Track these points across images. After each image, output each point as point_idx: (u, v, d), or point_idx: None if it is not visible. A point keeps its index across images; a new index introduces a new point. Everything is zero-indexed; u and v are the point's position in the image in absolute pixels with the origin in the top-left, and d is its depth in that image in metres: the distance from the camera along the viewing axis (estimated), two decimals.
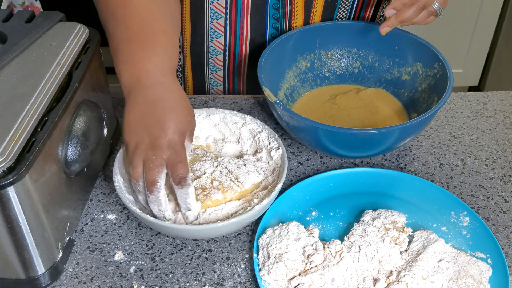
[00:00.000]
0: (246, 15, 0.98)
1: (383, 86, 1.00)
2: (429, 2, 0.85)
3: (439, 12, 0.87)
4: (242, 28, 1.00)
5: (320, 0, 0.97)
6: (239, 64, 1.06)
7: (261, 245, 0.73)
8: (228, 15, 0.98)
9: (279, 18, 0.99)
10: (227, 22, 0.99)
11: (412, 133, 0.83)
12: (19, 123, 0.63)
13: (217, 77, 1.09)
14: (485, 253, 0.73)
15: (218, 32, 1.01)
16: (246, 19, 0.98)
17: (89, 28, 0.78)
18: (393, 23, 0.88)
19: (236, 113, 0.85)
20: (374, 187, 0.83)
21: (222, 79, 1.10)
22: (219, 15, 0.98)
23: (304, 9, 0.98)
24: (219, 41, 1.02)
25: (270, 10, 0.97)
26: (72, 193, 0.74)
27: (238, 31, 1.00)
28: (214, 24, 1.00)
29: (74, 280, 0.72)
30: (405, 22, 0.87)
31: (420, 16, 0.87)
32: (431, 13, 0.87)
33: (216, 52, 1.04)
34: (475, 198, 0.83)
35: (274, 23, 0.99)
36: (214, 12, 0.98)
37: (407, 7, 0.86)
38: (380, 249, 0.72)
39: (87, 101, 0.76)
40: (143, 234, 0.77)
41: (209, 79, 1.10)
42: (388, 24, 0.89)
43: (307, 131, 0.82)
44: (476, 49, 2.28)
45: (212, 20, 0.99)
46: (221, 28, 1.00)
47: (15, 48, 0.72)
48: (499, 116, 0.98)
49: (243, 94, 1.10)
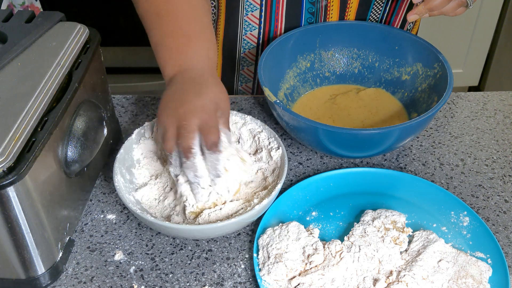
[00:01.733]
0: (281, 8, 0.97)
1: (383, 86, 1.00)
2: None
3: (469, 3, 0.84)
4: (277, 21, 0.99)
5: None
6: None
7: (261, 245, 0.73)
8: (264, 6, 0.98)
9: (314, 12, 0.98)
10: (262, 14, 0.99)
11: (412, 133, 0.83)
12: (19, 123, 0.63)
13: (247, 72, 1.09)
14: (485, 253, 0.73)
15: (253, 24, 1.00)
16: (281, 12, 0.98)
17: (89, 28, 0.78)
18: (421, 10, 0.85)
19: (236, 113, 0.85)
20: (374, 187, 0.83)
21: (252, 75, 1.09)
22: (255, 6, 0.98)
23: (340, 5, 0.98)
24: (253, 33, 1.02)
25: (305, 4, 0.97)
26: (72, 193, 0.74)
27: (273, 24, 1.00)
28: (248, 16, 0.99)
29: (74, 280, 0.72)
30: (433, 10, 0.84)
31: (450, 5, 0.84)
32: (461, 3, 0.84)
33: (249, 45, 1.04)
34: (475, 198, 0.83)
35: (310, 18, 0.99)
36: (250, 4, 0.98)
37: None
38: (380, 249, 0.72)
39: (87, 101, 0.76)
40: (143, 234, 0.77)
41: (239, 75, 1.10)
42: (416, 12, 0.86)
43: (307, 131, 0.82)
44: (476, 49, 2.28)
45: (247, 12, 0.99)
46: (256, 20, 1.00)
47: (15, 48, 0.72)
48: (499, 116, 0.98)
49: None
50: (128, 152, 0.80)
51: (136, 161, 0.81)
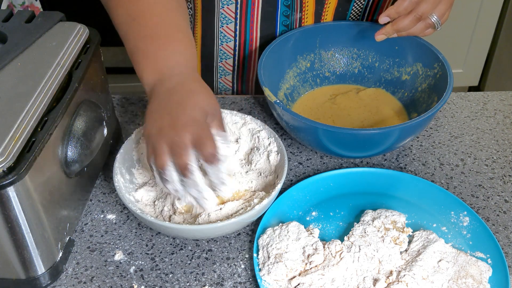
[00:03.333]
0: (256, 21, 0.97)
1: (383, 86, 1.00)
2: (426, 13, 0.82)
3: (437, 25, 0.84)
4: (252, 34, 0.99)
5: (330, 9, 0.97)
6: (248, 69, 1.06)
7: (261, 245, 0.73)
8: (238, 20, 0.97)
9: (288, 25, 0.98)
10: (237, 27, 0.99)
11: (412, 133, 0.83)
12: (19, 123, 0.63)
13: (226, 81, 1.09)
14: (485, 253, 0.73)
15: (228, 36, 1.01)
16: (256, 25, 0.98)
17: (89, 28, 0.78)
18: (389, 31, 0.86)
19: (236, 113, 0.85)
20: (374, 187, 0.83)
21: (230, 84, 1.09)
22: (229, 19, 0.98)
23: (314, 17, 0.98)
24: (229, 45, 1.02)
25: (280, 17, 0.97)
26: (72, 193, 0.74)
27: (248, 37, 1.00)
28: (224, 28, 0.99)
29: (74, 280, 0.72)
30: (401, 31, 0.85)
31: (417, 27, 0.85)
32: (429, 25, 0.85)
33: (226, 56, 1.04)
34: (475, 198, 0.83)
35: (284, 30, 0.99)
36: (225, 17, 0.97)
37: (403, 16, 0.83)
38: (380, 249, 0.72)
39: (87, 101, 0.76)
40: (143, 234, 0.77)
41: (218, 83, 1.10)
42: (383, 32, 0.87)
43: (307, 131, 0.82)
44: (476, 49, 2.27)
45: (222, 24, 0.99)
46: (231, 32, 1.00)
47: (15, 48, 0.72)
48: (499, 116, 0.98)
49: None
50: (128, 152, 0.80)
51: (136, 161, 0.81)
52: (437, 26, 0.85)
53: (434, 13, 0.83)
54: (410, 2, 0.81)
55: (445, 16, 0.85)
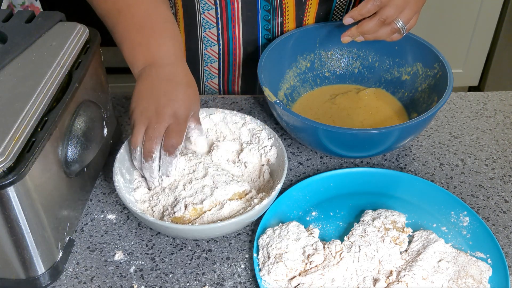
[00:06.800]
0: (237, 26, 0.98)
1: (383, 86, 1.00)
2: (391, 17, 0.82)
3: (402, 31, 0.84)
4: (235, 38, 1.00)
5: (311, 13, 0.97)
6: (233, 72, 1.06)
7: (261, 245, 0.73)
8: (220, 25, 0.98)
9: (270, 29, 0.99)
10: (219, 32, 0.99)
11: (412, 133, 0.83)
12: (19, 123, 0.63)
13: (212, 84, 1.09)
14: (485, 253, 0.73)
15: (212, 41, 1.01)
16: (238, 30, 0.98)
17: (89, 28, 0.78)
18: (354, 33, 0.86)
19: (236, 113, 0.85)
20: (374, 187, 0.83)
21: (217, 87, 1.10)
22: (211, 24, 0.98)
23: (296, 22, 0.98)
24: (213, 49, 1.03)
25: (261, 22, 0.97)
26: (72, 193, 0.74)
27: (231, 41, 1.00)
28: (207, 33, 1.00)
29: (74, 280, 0.72)
30: (366, 34, 0.85)
31: (383, 31, 0.84)
32: (395, 30, 0.84)
33: (211, 60, 1.04)
34: (475, 198, 0.83)
35: (266, 34, 1.00)
36: (206, 22, 0.98)
37: (368, 19, 0.83)
38: (380, 249, 0.72)
39: (87, 101, 0.76)
40: (143, 234, 0.77)
41: (204, 86, 1.10)
42: (348, 34, 0.87)
43: (307, 131, 0.82)
44: (476, 49, 2.28)
45: (205, 29, 1.00)
46: (214, 37, 1.00)
47: (15, 48, 0.72)
48: (499, 116, 0.98)
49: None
50: (128, 152, 0.80)
51: None
52: (403, 31, 0.84)
53: (400, 18, 0.82)
54: (373, 5, 0.81)
55: (412, 21, 0.84)
